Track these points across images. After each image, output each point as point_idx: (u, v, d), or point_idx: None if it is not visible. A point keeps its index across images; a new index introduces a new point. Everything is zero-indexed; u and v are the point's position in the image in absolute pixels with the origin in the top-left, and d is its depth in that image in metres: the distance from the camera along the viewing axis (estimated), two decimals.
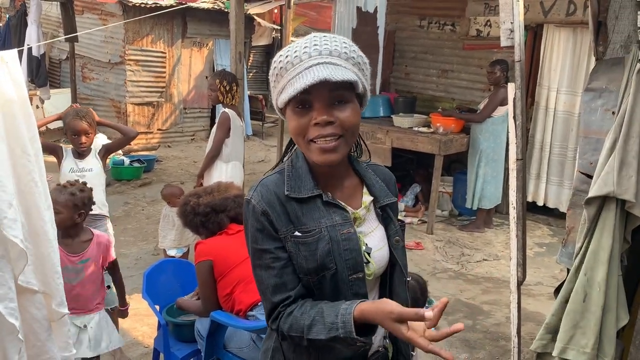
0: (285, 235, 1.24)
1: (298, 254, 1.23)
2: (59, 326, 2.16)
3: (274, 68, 1.23)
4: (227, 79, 4.38)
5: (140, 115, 9.09)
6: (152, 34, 9.00)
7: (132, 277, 4.43)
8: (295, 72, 1.17)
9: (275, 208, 1.23)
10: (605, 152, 1.38)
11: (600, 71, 1.51)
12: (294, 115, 1.21)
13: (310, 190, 1.26)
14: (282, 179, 1.28)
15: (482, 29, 6.41)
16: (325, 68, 1.15)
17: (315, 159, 1.22)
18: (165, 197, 4.19)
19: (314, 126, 1.19)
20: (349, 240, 1.26)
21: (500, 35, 2.67)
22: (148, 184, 7.18)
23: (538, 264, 5.08)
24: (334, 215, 1.26)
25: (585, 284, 1.43)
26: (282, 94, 1.20)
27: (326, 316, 1.18)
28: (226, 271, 2.59)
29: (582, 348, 1.42)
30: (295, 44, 1.22)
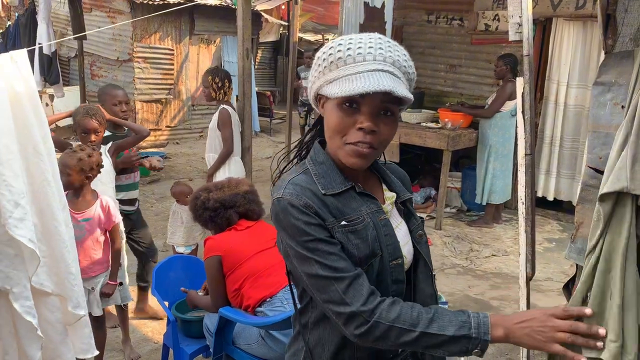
0: (332, 226, 1.19)
1: (348, 243, 1.19)
2: (79, 328, 2.15)
3: (330, 55, 1.18)
4: (219, 76, 4.42)
5: (148, 112, 9.13)
6: (160, 31, 9.02)
7: None
8: (356, 69, 1.14)
9: (315, 201, 1.19)
10: (617, 147, 1.37)
11: (609, 65, 1.50)
12: (340, 112, 1.17)
13: (342, 183, 1.24)
14: (310, 178, 1.24)
15: (491, 23, 6.37)
16: (388, 78, 1.12)
17: (345, 160, 1.20)
18: (174, 195, 4.21)
19: (357, 130, 1.16)
20: (387, 227, 1.26)
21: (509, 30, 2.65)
22: (157, 181, 7.21)
23: (547, 259, 5.05)
24: (369, 203, 1.26)
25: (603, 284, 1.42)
26: (334, 87, 1.15)
27: (452, 314, 1.16)
28: (235, 267, 2.60)
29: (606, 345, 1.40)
30: (358, 38, 1.17)
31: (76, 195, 2.82)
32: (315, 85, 1.23)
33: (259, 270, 2.61)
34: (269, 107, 10.53)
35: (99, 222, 2.86)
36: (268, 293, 2.55)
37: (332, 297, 1.15)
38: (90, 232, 2.82)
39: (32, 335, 1.82)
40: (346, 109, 1.16)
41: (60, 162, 2.70)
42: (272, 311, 2.49)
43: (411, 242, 1.33)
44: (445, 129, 5.74)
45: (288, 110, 7.38)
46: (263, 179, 7.24)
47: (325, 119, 1.22)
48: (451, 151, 5.65)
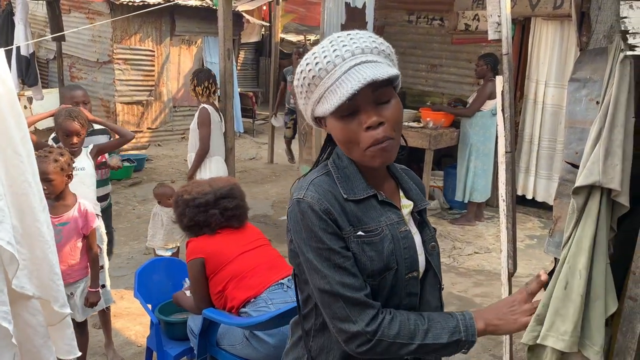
0: (348, 236, 1.16)
1: (362, 254, 1.16)
2: (61, 329, 2.13)
3: (304, 78, 1.16)
4: (199, 77, 4.44)
5: (129, 114, 9.05)
6: (141, 32, 8.95)
7: (124, 276, 4.43)
8: (334, 78, 1.11)
9: (335, 207, 1.16)
10: (591, 141, 1.40)
11: (584, 61, 1.53)
12: (341, 124, 1.14)
13: (364, 190, 1.20)
14: (332, 181, 1.20)
15: (471, 23, 6.43)
16: (366, 68, 1.09)
17: (372, 163, 1.17)
18: (156, 197, 4.19)
19: (365, 131, 1.13)
20: (407, 239, 1.23)
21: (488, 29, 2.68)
22: (138, 184, 7.16)
23: (529, 256, 5.12)
24: (389, 213, 1.22)
25: (567, 271, 1.45)
26: (323, 104, 1.13)
27: (442, 321, 1.18)
28: (218, 269, 2.59)
29: (561, 335, 1.44)
30: (321, 48, 1.15)
31: (56, 198, 2.75)
32: (308, 112, 1.21)
33: (243, 271, 2.60)
34: (252, 108, 10.51)
35: (76, 227, 2.80)
36: (252, 294, 2.55)
37: (337, 314, 1.15)
38: (66, 237, 2.76)
39: (6, 343, 1.79)
40: (346, 118, 1.13)
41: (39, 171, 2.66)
42: (256, 312, 2.49)
43: (424, 254, 1.30)
44: (427, 128, 5.79)
45: (270, 111, 7.43)
46: (246, 180, 7.23)
47: (334, 136, 1.19)
48: (433, 150, 5.69)
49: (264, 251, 2.73)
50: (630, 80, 1.37)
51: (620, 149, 1.37)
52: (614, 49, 1.41)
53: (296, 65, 7.26)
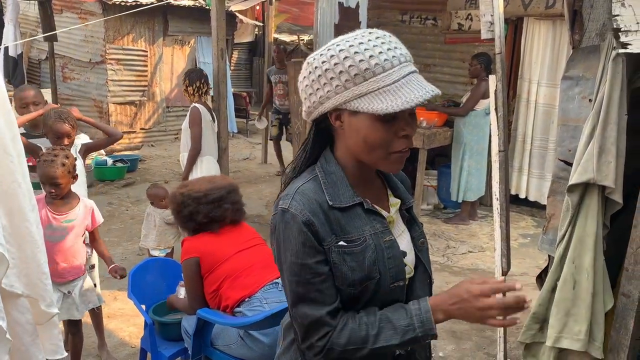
0: (329, 246, 1.17)
1: (343, 264, 1.17)
2: (48, 328, 2.12)
3: (349, 66, 1.10)
4: (191, 77, 4.44)
5: (122, 114, 9.01)
6: (133, 33, 8.92)
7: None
8: (392, 78, 1.09)
9: (319, 217, 1.16)
10: (585, 139, 1.40)
11: (576, 59, 1.53)
12: (382, 127, 1.12)
13: (350, 198, 1.20)
14: (319, 186, 1.20)
15: (464, 22, 6.45)
16: (423, 79, 1.11)
17: (388, 168, 1.20)
18: (150, 197, 4.16)
19: (401, 138, 1.14)
20: (392, 248, 1.22)
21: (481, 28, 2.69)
22: (132, 184, 7.12)
23: (523, 254, 5.13)
24: (374, 222, 1.22)
25: (574, 271, 1.46)
26: (372, 101, 1.09)
27: (395, 320, 1.16)
28: (213, 268, 2.59)
29: (576, 335, 1.44)
30: (369, 41, 1.11)
31: (61, 198, 2.77)
32: (331, 101, 1.14)
33: (238, 271, 2.59)
34: (245, 108, 10.49)
35: (82, 225, 2.83)
36: (247, 293, 2.54)
37: (298, 321, 1.20)
38: (72, 235, 2.79)
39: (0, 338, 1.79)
40: (387, 121, 1.12)
41: (44, 175, 2.67)
42: (251, 311, 2.48)
43: (414, 250, 1.31)
44: (420, 127, 5.79)
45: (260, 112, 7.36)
46: (240, 180, 7.21)
47: (355, 134, 1.15)
48: (427, 150, 5.70)
49: (258, 250, 2.72)
50: (623, 78, 1.38)
51: (614, 146, 1.38)
52: (606, 47, 1.41)
53: (280, 63, 6.79)
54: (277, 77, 7.31)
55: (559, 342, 1.45)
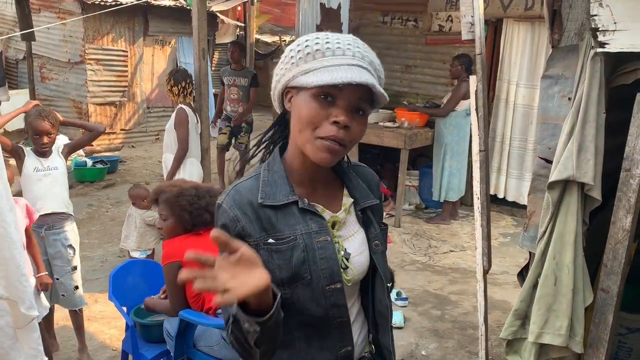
0: (258, 243, 1.16)
1: (271, 262, 1.15)
2: (28, 332, 2.09)
3: (306, 47, 1.13)
4: (175, 77, 4.40)
5: (102, 115, 8.90)
6: (113, 33, 8.82)
7: (98, 279, 4.36)
8: (336, 62, 1.11)
9: (248, 214, 1.16)
10: (564, 137, 1.43)
11: (556, 58, 1.55)
12: (314, 104, 1.12)
13: (286, 196, 1.19)
14: (257, 184, 1.20)
15: (444, 24, 6.50)
16: (368, 74, 1.11)
17: (314, 155, 1.15)
18: (131, 198, 4.13)
19: (332, 124, 1.11)
20: (325, 249, 1.19)
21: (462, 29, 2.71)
22: (112, 185, 7.04)
23: (503, 253, 5.19)
24: (310, 222, 1.20)
25: (555, 267, 1.48)
26: (311, 76, 1.11)
27: None
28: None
29: (557, 330, 1.46)
30: (333, 35, 1.15)
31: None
32: (284, 78, 1.17)
33: None
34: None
35: (22, 225, 2.70)
36: None
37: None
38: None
39: None
40: (322, 100, 1.11)
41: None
42: None
43: (368, 252, 1.28)
44: (402, 128, 5.83)
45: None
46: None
47: (296, 113, 1.16)
48: (408, 150, 5.73)
49: None
50: (601, 77, 1.40)
51: (592, 144, 1.40)
52: (584, 46, 1.44)
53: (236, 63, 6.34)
54: (232, 79, 6.45)
55: (540, 338, 1.47)
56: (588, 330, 1.54)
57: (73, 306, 3.22)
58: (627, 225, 1.43)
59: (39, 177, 3.06)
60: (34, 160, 3.09)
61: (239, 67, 6.51)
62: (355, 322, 1.28)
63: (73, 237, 3.18)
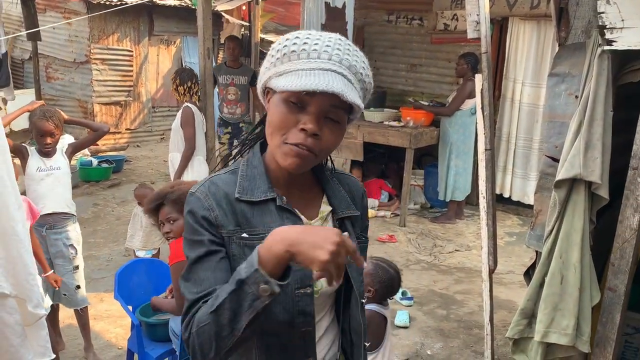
0: (230, 236, 1.12)
1: (242, 257, 1.08)
2: (36, 330, 2.10)
3: (284, 46, 1.09)
4: (182, 77, 4.41)
5: (107, 115, 8.93)
6: (118, 32, 8.84)
7: (103, 278, 4.37)
8: (309, 65, 1.05)
9: (222, 205, 1.12)
10: (571, 135, 1.42)
11: (563, 56, 1.55)
12: (283, 108, 1.07)
13: (264, 192, 1.15)
14: (235, 179, 1.16)
15: (450, 22, 6.48)
16: (340, 81, 1.04)
17: (282, 161, 1.10)
18: (137, 197, 4.14)
19: (299, 131, 1.07)
20: None
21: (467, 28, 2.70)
22: (117, 185, 7.07)
23: (509, 252, 5.17)
24: (286, 221, 1.14)
25: (562, 266, 1.47)
26: (281, 79, 1.06)
27: (229, 283, 1.02)
28: None
29: (564, 330, 1.45)
30: (318, 35, 1.09)
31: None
32: (264, 77, 1.13)
33: None
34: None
35: None
36: None
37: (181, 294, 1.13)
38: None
39: None
40: (291, 105, 1.07)
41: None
42: None
43: None
44: (407, 127, 5.82)
45: None
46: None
47: (269, 115, 1.12)
48: (413, 149, 5.72)
49: None
50: (608, 75, 1.40)
51: (599, 142, 1.39)
52: (592, 44, 1.43)
53: (234, 61, 5.80)
54: (229, 78, 5.97)
55: (547, 337, 1.46)
56: (595, 329, 1.54)
57: (75, 305, 3.23)
58: (634, 224, 1.43)
59: (42, 176, 3.07)
60: (37, 160, 3.10)
61: (237, 65, 6.10)
62: (324, 337, 1.23)
63: (75, 236, 3.19)
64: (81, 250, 3.25)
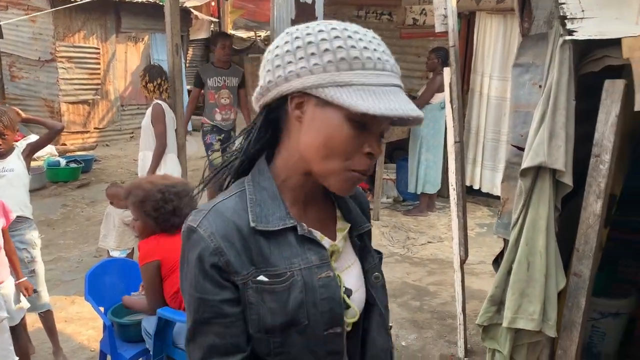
0: (245, 281, 0.93)
1: (261, 305, 0.93)
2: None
3: (339, 47, 0.89)
4: (151, 74, 4.35)
5: (75, 114, 8.76)
6: (85, 30, 8.68)
7: (74, 280, 4.29)
8: (380, 81, 0.90)
9: (235, 245, 0.92)
10: (535, 124, 1.45)
11: (526, 47, 1.58)
12: (350, 130, 0.90)
13: (281, 219, 0.96)
14: (243, 204, 0.96)
15: (418, 17, 6.54)
16: (406, 98, 0.92)
17: (338, 188, 0.96)
18: (109, 197, 4.08)
19: (365, 155, 0.93)
20: (327, 287, 0.96)
21: (435, 22, 2.74)
22: (87, 185, 6.95)
23: (480, 243, 5.26)
24: (309, 253, 0.96)
25: (528, 253, 1.50)
26: (350, 93, 0.88)
27: None
28: (173, 269, 2.54)
29: (531, 315, 1.48)
30: (363, 33, 0.94)
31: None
32: (297, 80, 0.91)
33: None
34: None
35: None
36: None
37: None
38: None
39: None
40: (357, 126, 0.91)
41: None
42: None
43: (364, 287, 1.07)
44: None
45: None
46: (199, 178, 7.11)
47: (314, 131, 0.93)
48: (385, 143, 5.76)
49: None
50: (570, 64, 1.43)
51: (563, 131, 1.42)
52: (553, 34, 1.46)
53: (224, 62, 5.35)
54: (221, 80, 5.35)
55: (514, 323, 1.49)
56: (561, 314, 1.58)
57: (36, 310, 3.15)
58: (597, 210, 1.47)
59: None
60: None
61: (227, 65, 5.42)
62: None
63: (29, 240, 3.08)
64: (39, 254, 3.16)
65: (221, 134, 5.38)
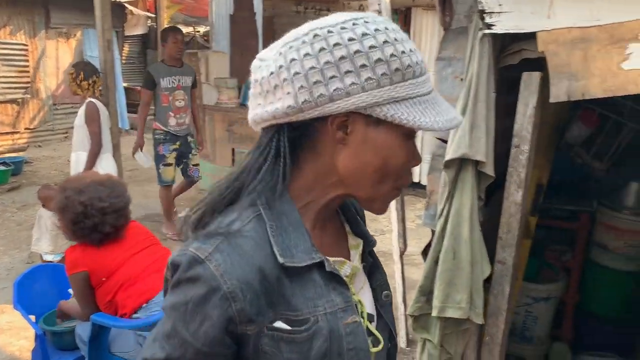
0: (260, 330, 0.77)
1: (277, 356, 0.77)
2: None
3: (391, 56, 0.75)
4: (85, 71, 4.20)
5: (3, 114, 8.35)
6: (11, 25, 8.26)
7: (4, 288, 4.09)
8: (426, 88, 0.78)
9: (253, 287, 0.75)
10: None
11: (448, 40, 1.62)
12: (405, 147, 0.81)
13: (306, 253, 0.80)
14: (263, 233, 0.79)
15: None
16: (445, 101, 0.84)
17: (382, 209, 0.85)
18: (41, 199, 3.92)
19: (410, 168, 0.85)
20: (355, 335, 0.82)
21: None
22: (17, 188, 6.65)
23: (420, 235, 5.37)
24: (333, 294, 0.81)
25: (454, 242, 1.54)
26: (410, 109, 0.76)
27: None
28: (104, 278, 2.43)
29: (458, 304, 1.53)
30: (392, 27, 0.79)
31: None
32: (354, 100, 0.75)
33: (133, 276, 2.45)
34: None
35: None
36: (144, 299, 2.42)
37: None
38: None
39: None
40: (409, 141, 0.82)
41: None
42: (149, 317, 2.39)
43: (374, 304, 0.94)
44: None
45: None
46: (139, 179, 6.93)
47: (371, 154, 0.79)
48: None
49: (152, 251, 2.58)
50: (490, 57, 1.47)
51: (484, 123, 1.47)
52: (473, 28, 1.50)
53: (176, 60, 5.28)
54: (174, 80, 4.78)
55: (443, 312, 1.53)
56: (488, 301, 1.63)
57: None
58: (518, 199, 1.52)
59: None
60: None
61: (180, 63, 4.87)
62: None
63: None
64: None
65: (176, 142, 4.92)
